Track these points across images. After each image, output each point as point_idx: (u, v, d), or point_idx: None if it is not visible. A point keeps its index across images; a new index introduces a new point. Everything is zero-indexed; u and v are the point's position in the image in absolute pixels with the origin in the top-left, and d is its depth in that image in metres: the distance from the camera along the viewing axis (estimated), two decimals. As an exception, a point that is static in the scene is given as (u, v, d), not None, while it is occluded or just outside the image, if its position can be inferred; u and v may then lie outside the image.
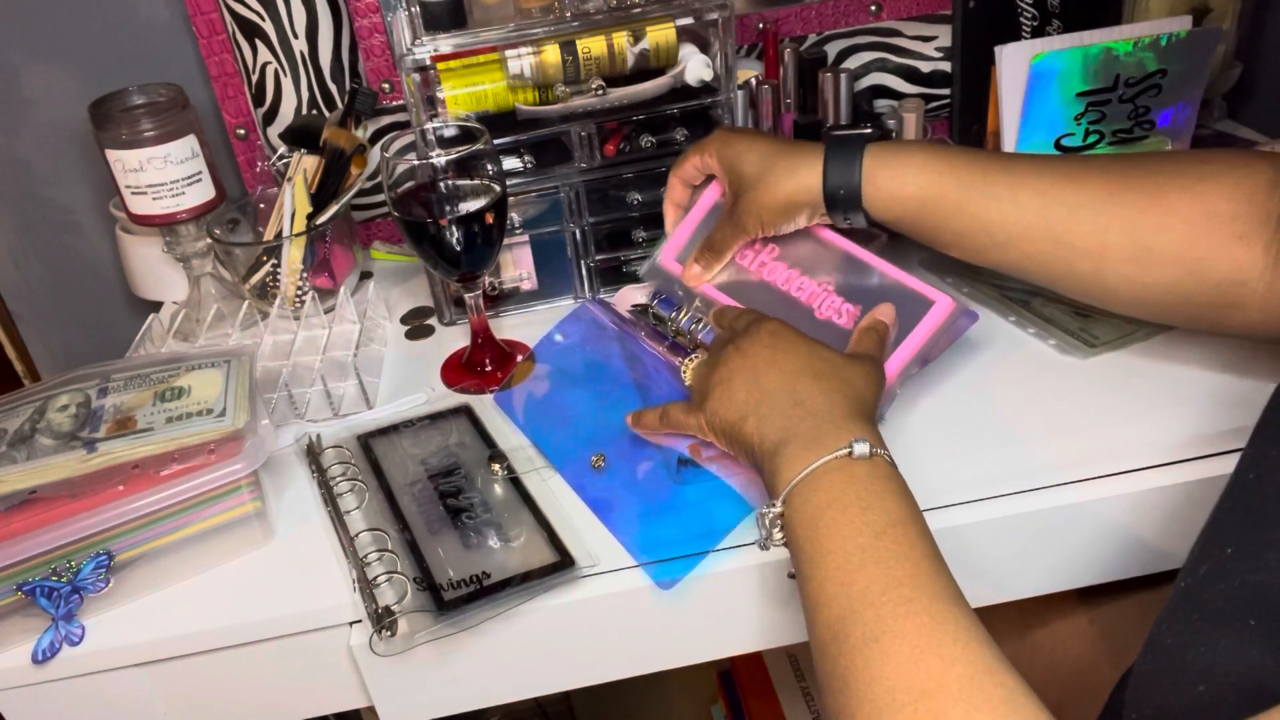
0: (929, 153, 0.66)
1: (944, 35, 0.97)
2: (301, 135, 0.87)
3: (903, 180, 0.65)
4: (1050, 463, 0.63)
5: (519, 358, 0.80)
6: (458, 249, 0.71)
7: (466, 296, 0.76)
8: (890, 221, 0.67)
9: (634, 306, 0.79)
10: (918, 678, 0.41)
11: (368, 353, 0.82)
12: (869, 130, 0.68)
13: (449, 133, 0.74)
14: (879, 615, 0.44)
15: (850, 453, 0.50)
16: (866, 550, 0.46)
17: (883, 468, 0.51)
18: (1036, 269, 0.65)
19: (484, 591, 0.58)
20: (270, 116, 0.91)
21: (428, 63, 0.77)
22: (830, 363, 0.57)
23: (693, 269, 0.75)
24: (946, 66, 0.97)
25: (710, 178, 0.75)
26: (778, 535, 0.51)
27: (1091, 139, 0.86)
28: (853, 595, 0.45)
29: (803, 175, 0.67)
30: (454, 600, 0.58)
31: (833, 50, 0.98)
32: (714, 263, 0.74)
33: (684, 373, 0.66)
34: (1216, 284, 0.59)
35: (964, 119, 0.93)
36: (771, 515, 0.51)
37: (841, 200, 0.67)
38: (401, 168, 0.72)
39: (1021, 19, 0.90)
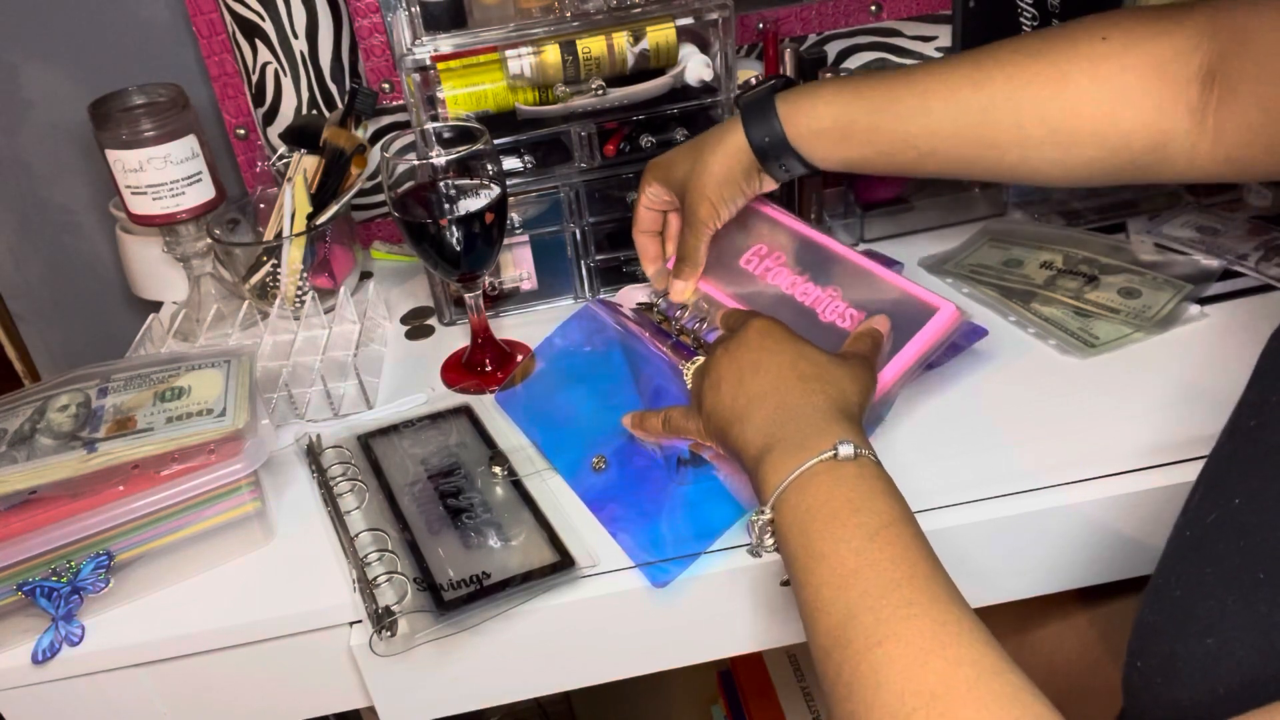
0: (834, 85, 0.68)
1: (944, 35, 0.97)
2: (301, 135, 0.87)
3: (818, 116, 0.67)
4: (1050, 463, 0.63)
5: (519, 358, 0.80)
6: (458, 249, 0.71)
7: (466, 296, 0.76)
8: (823, 159, 0.69)
9: (638, 305, 0.79)
10: (926, 680, 0.41)
11: (368, 353, 0.82)
12: (775, 81, 0.70)
13: (449, 133, 0.74)
14: (879, 619, 0.43)
15: (835, 455, 0.49)
16: (861, 553, 0.46)
17: (870, 468, 0.50)
18: (971, 169, 0.67)
19: (484, 591, 0.58)
20: (270, 116, 0.91)
21: (428, 63, 0.76)
22: (816, 364, 0.56)
23: (675, 285, 0.76)
24: (946, 66, 0.97)
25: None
26: (768, 541, 0.51)
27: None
28: (851, 600, 0.44)
29: (728, 142, 0.70)
30: (454, 600, 0.58)
31: (833, 50, 0.98)
32: (691, 272, 0.75)
33: (684, 375, 0.66)
34: (1140, 152, 0.61)
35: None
36: (761, 522, 0.50)
37: (770, 149, 0.68)
38: (401, 168, 0.72)
39: (1021, 19, 0.90)
